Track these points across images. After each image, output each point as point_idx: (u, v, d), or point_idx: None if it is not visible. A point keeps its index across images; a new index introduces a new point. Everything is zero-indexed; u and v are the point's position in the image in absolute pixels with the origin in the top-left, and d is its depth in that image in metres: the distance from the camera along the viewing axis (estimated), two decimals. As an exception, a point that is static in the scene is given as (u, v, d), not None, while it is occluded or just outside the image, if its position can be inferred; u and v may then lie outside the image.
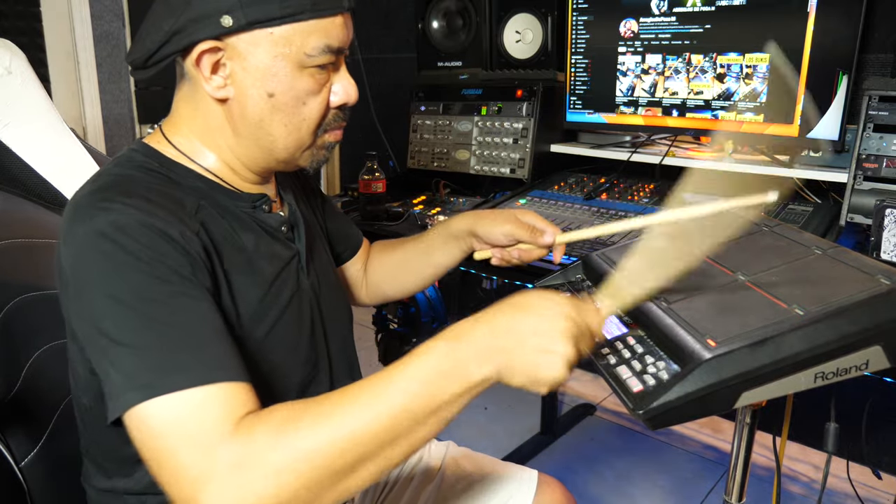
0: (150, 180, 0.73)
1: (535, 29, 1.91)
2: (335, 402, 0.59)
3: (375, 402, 0.58)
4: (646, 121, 1.76)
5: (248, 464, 0.55)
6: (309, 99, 0.74)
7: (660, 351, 0.76)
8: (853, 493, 1.73)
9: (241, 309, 0.74)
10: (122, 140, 2.08)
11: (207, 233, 0.72)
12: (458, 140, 1.94)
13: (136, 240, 0.63)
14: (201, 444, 0.57)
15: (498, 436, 2.18)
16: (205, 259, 0.69)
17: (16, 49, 1.04)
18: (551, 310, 0.63)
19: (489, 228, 0.99)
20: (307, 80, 0.73)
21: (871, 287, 0.73)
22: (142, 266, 0.62)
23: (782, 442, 1.02)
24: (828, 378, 0.70)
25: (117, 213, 0.65)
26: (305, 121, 0.75)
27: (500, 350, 0.62)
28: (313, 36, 0.71)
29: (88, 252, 0.63)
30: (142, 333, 0.60)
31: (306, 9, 0.69)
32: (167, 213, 0.67)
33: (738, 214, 0.75)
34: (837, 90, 1.44)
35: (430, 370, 0.60)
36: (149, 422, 0.58)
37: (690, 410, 0.68)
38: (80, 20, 1.88)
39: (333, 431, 0.57)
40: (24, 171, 0.99)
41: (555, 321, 0.63)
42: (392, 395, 0.59)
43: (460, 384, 0.60)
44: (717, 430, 2.21)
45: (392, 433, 0.58)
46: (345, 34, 0.74)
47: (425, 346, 0.62)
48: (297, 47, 0.70)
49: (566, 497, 1.06)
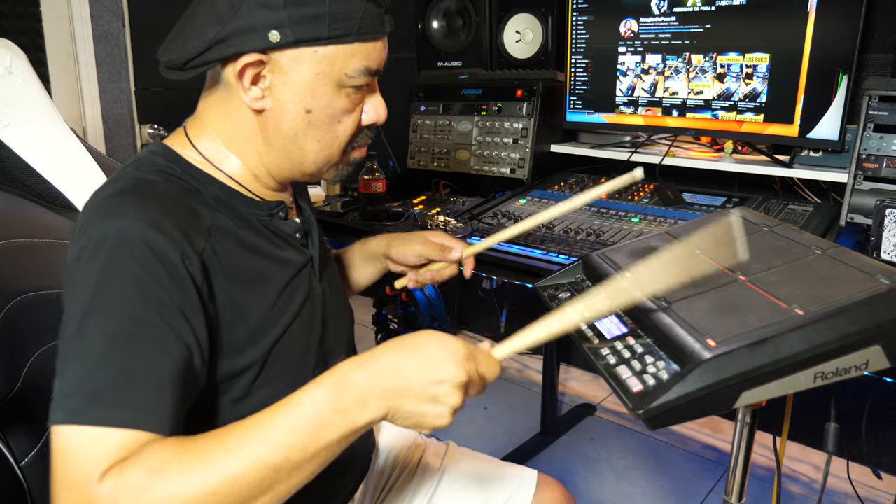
0: (170, 188, 0.73)
1: (535, 29, 1.91)
2: (208, 447, 0.58)
3: (249, 451, 0.57)
4: (646, 121, 1.76)
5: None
6: (343, 117, 0.76)
7: (660, 351, 0.76)
8: (853, 493, 1.73)
9: (251, 318, 0.75)
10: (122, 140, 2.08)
11: (216, 247, 0.72)
12: (458, 140, 1.94)
13: (132, 255, 0.63)
14: (77, 475, 0.57)
15: (498, 436, 2.18)
16: (201, 281, 0.68)
17: (16, 49, 1.04)
18: (443, 358, 0.62)
19: (401, 250, 1.03)
20: (344, 99, 0.75)
21: (871, 287, 0.73)
22: (127, 282, 0.63)
23: (782, 442, 1.02)
24: (828, 378, 0.70)
25: (126, 220, 0.65)
26: (338, 138, 0.77)
27: (386, 393, 0.61)
28: (355, 58, 0.73)
29: (87, 253, 0.64)
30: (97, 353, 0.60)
31: (352, 32, 0.71)
32: (175, 229, 0.67)
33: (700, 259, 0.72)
34: (837, 90, 1.44)
35: (310, 420, 0.59)
36: (58, 442, 0.58)
37: (690, 410, 0.68)
38: (80, 20, 1.88)
39: (204, 479, 0.56)
40: (25, 171, 0.99)
41: (446, 369, 0.62)
42: (267, 444, 0.58)
43: (344, 429, 0.60)
44: (717, 430, 2.21)
45: (268, 480, 0.57)
46: (383, 57, 0.77)
47: (304, 395, 0.60)
48: (339, 68, 0.73)
49: (566, 497, 1.06)
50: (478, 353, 0.66)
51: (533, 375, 2.58)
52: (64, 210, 1.02)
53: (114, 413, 0.59)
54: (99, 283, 0.62)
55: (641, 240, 1.05)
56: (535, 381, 2.51)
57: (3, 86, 0.98)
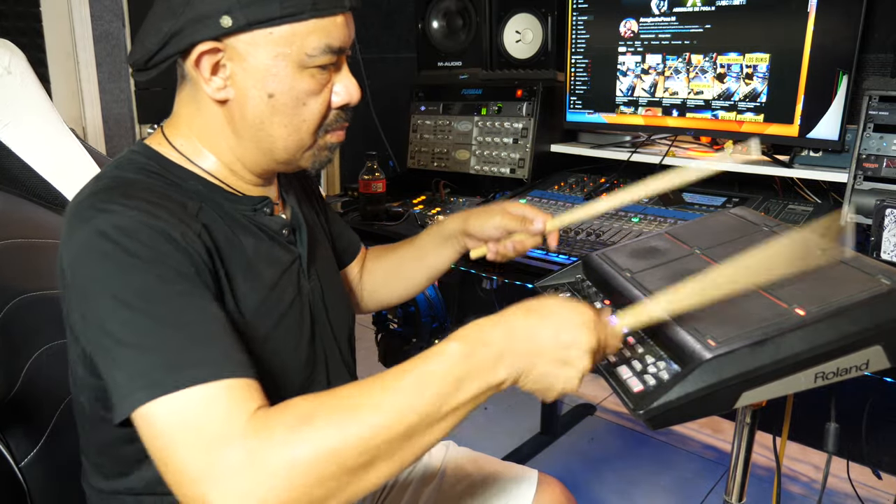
0: (151, 183, 0.73)
1: (535, 29, 1.91)
2: (353, 399, 0.58)
3: (393, 403, 0.58)
4: (646, 121, 1.76)
5: (260, 460, 0.54)
6: (309, 99, 0.73)
7: (660, 351, 0.76)
8: (853, 493, 1.73)
9: (243, 311, 0.74)
10: (122, 140, 2.08)
11: (210, 234, 0.72)
12: (458, 140, 1.94)
13: (138, 240, 0.63)
14: (207, 442, 0.56)
15: (498, 436, 2.18)
16: (207, 260, 0.68)
17: (15, 49, 1.04)
18: (574, 321, 0.63)
19: (481, 223, 1.00)
20: (308, 80, 0.72)
21: (871, 287, 0.73)
22: (144, 266, 0.62)
23: (782, 442, 1.02)
24: (828, 378, 0.70)
25: (118, 214, 0.64)
26: (306, 122, 0.74)
27: (520, 354, 0.62)
28: (313, 36, 0.70)
29: (90, 253, 0.63)
30: (147, 334, 0.60)
31: (307, 9, 0.69)
32: (168, 215, 0.67)
33: (806, 250, 0.72)
34: (837, 90, 1.44)
35: (448, 373, 0.60)
36: (155, 420, 0.57)
37: (690, 410, 0.68)
38: (80, 20, 1.88)
39: (351, 430, 0.56)
40: (24, 171, 0.99)
41: (579, 333, 0.63)
42: (410, 396, 0.58)
43: (478, 386, 0.61)
44: (717, 430, 2.21)
45: (408, 433, 0.58)
46: (346, 34, 0.73)
47: (443, 348, 0.61)
48: (298, 47, 0.70)
49: (567, 497, 1.06)
50: (603, 319, 0.67)
51: (533, 375, 2.58)
52: (63, 210, 1.02)
53: (195, 372, 0.58)
54: (117, 278, 0.62)
55: (641, 240, 1.05)
56: (535, 381, 2.50)
57: (1, 86, 0.98)
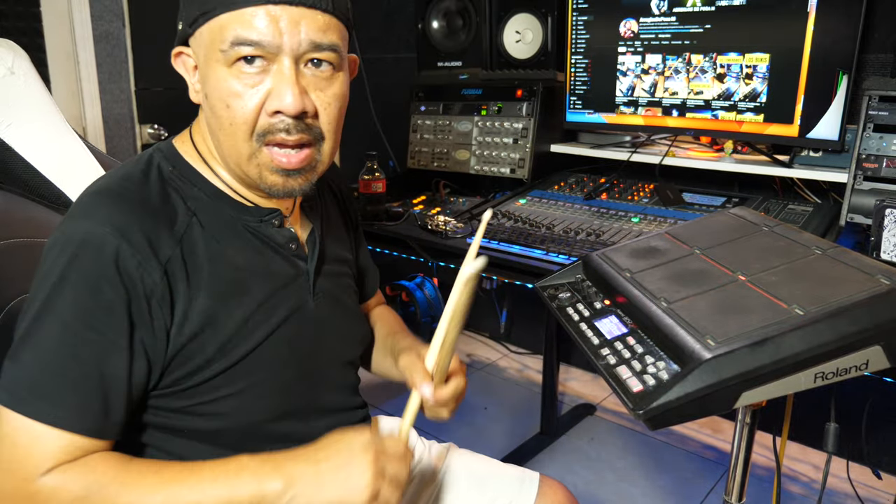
0: (152, 189, 0.73)
1: (535, 29, 1.91)
2: (147, 477, 0.65)
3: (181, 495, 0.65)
4: (646, 121, 1.76)
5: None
6: (232, 100, 0.69)
7: (660, 351, 0.76)
8: (853, 493, 1.73)
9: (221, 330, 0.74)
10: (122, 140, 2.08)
11: (186, 257, 0.72)
12: (458, 140, 1.94)
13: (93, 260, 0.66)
14: (17, 469, 0.64)
15: (498, 436, 2.18)
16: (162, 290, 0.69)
17: (18, 49, 1.04)
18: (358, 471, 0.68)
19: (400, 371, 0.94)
20: (231, 80, 0.69)
21: (871, 287, 0.73)
22: (83, 288, 0.66)
23: (782, 442, 1.02)
24: (828, 378, 0.70)
25: (94, 224, 0.67)
26: (233, 125, 0.70)
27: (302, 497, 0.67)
28: (226, 29, 0.68)
29: (56, 249, 0.67)
30: (48, 348, 0.65)
31: (217, 4, 0.68)
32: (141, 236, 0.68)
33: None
34: (837, 90, 1.44)
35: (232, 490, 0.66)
36: (4, 425, 0.64)
37: (690, 410, 0.68)
38: (80, 20, 1.88)
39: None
40: (27, 170, 0.99)
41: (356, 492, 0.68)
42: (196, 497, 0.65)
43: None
44: (717, 430, 2.21)
45: None
46: (272, 30, 0.67)
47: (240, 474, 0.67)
48: (216, 44, 0.69)
49: (569, 499, 1.06)
50: (385, 449, 0.71)
51: (533, 375, 2.58)
52: (65, 209, 1.02)
53: (58, 413, 0.64)
54: (59, 281, 0.66)
55: (641, 240, 1.05)
56: (535, 381, 2.51)
57: (5, 86, 0.99)
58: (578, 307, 0.93)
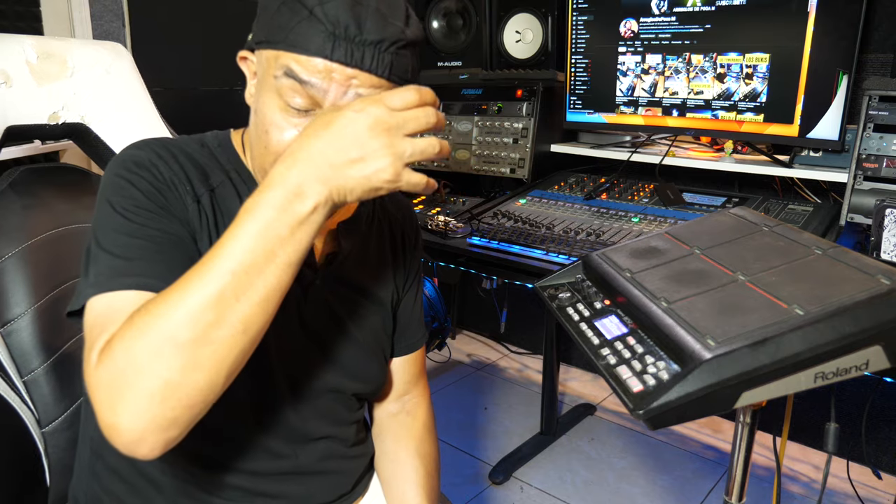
0: (197, 149, 0.79)
1: (535, 29, 1.91)
2: (177, 283, 0.60)
3: (218, 266, 0.58)
4: (646, 121, 1.76)
5: (112, 366, 0.58)
6: (272, 129, 0.71)
7: (660, 351, 0.76)
8: (853, 493, 1.73)
9: None
10: (122, 140, 2.09)
11: (215, 202, 0.76)
12: (458, 140, 1.94)
13: (141, 173, 0.72)
14: (94, 341, 0.61)
15: (498, 436, 2.18)
16: (194, 213, 0.74)
17: (122, 50, 1.14)
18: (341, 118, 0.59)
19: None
20: (276, 111, 0.71)
21: (871, 287, 0.73)
22: (138, 191, 0.71)
23: (782, 442, 1.02)
24: (828, 378, 0.70)
25: (141, 150, 0.74)
26: (267, 148, 0.73)
27: (315, 175, 0.59)
28: (282, 57, 0.69)
29: (108, 171, 0.73)
30: (118, 241, 0.69)
31: (282, 39, 0.69)
32: (180, 170, 0.75)
33: None
34: (837, 90, 1.44)
35: (258, 227, 0.59)
36: (89, 312, 0.65)
37: (690, 410, 0.68)
38: (80, 20, 1.88)
39: (169, 302, 0.58)
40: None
41: (348, 127, 0.58)
42: (231, 257, 0.59)
43: (290, 223, 0.59)
44: (717, 430, 2.21)
45: (241, 287, 0.58)
46: (322, 76, 0.68)
47: (244, 208, 0.60)
48: (271, 69, 0.70)
49: None
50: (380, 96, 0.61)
51: (533, 375, 2.58)
52: None
53: (130, 280, 0.66)
54: (117, 192, 0.71)
55: (641, 240, 1.05)
56: (535, 381, 2.51)
57: (102, 85, 1.08)
58: (578, 307, 0.93)
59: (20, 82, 0.97)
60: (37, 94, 1.00)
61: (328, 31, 0.67)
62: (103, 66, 1.09)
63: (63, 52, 1.04)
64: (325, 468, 0.88)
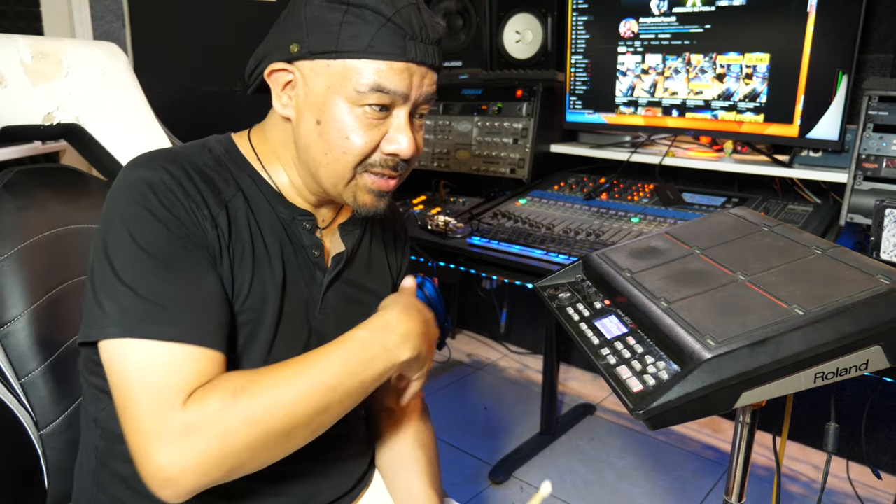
0: (205, 159, 0.79)
1: (535, 29, 1.91)
2: (278, 373, 0.70)
3: (314, 378, 0.70)
4: (646, 121, 1.76)
5: (198, 428, 0.63)
6: (353, 134, 0.75)
7: (660, 351, 0.76)
8: (853, 493, 1.73)
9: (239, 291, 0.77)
10: (122, 140, 2.09)
11: (229, 221, 0.76)
12: (458, 140, 1.94)
13: (160, 199, 0.71)
14: (160, 400, 0.64)
15: (498, 436, 2.18)
16: (212, 239, 0.74)
17: (117, 51, 1.12)
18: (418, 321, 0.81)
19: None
20: (357, 118, 0.75)
21: (871, 287, 0.73)
22: (156, 221, 0.70)
23: (782, 442, 1.01)
24: (828, 378, 0.70)
25: (153, 172, 0.73)
26: (346, 154, 0.76)
27: (419, 335, 0.80)
28: (366, 73, 0.73)
29: (122, 195, 0.72)
30: (144, 280, 0.68)
31: (361, 48, 0.72)
32: (195, 190, 0.74)
33: None
34: (837, 90, 1.44)
35: (360, 354, 0.74)
36: (122, 358, 0.66)
37: (690, 410, 0.68)
38: (80, 20, 1.88)
39: (276, 399, 0.67)
40: (112, 162, 1.08)
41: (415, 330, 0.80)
42: (327, 370, 0.71)
43: (386, 363, 0.76)
44: (717, 430, 2.21)
45: (324, 402, 0.70)
46: (407, 83, 0.74)
47: (353, 334, 0.76)
48: (350, 83, 0.73)
49: None
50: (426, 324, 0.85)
51: (533, 375, 2.58)
52: None
53: (166, 330, 0.67)
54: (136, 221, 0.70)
55: (641, 240, 1.05)
56: (535, 381, 2.51)
57: (97, 85, 1.07)
58: (578, 307, 0.93)
59: (15, 82, 0.96)
60: (32, 95, 0.98)
61: (407, 34, 0.73)
62: (98, 67, 1.08)
63: (58, 52, 1.02)
64: (332, 468, 0.90)
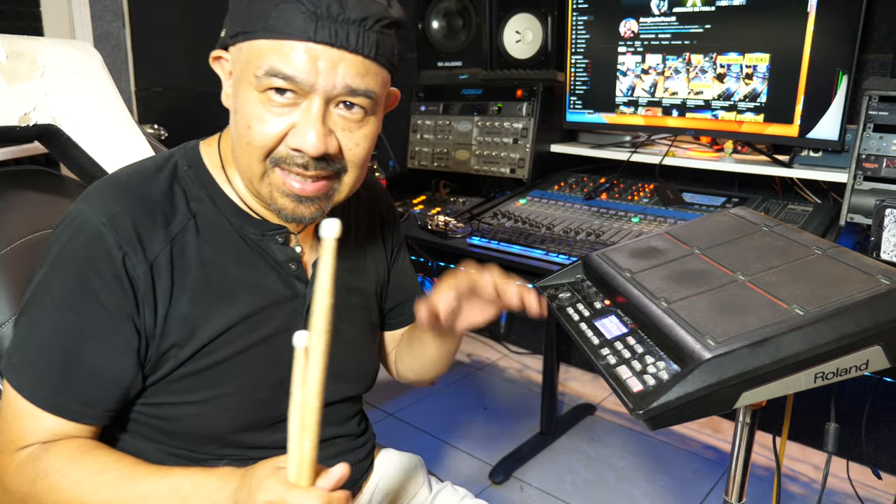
0: (158, 185, 0.74)
1: (535, 29, 1.91)
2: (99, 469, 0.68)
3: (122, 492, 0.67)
4: (646, 121, 1.76)
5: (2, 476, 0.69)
6: (255, 122, 0.68)
7: (660, 351, 0.76)
8: (853, 493, 1.73)
9: (199, 335, 0.73)
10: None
11: (175, 257, 0.72)
12: (458, 140, 1.94)
13: (83, 247, 0.69)
14: (3, 439, 0.70)
15: (498, 436, 2.18)
16: (146, 285, 0.70)
17: (91, 51, 1.11)
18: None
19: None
20: (258, 105, 0.68)
21: (871, 287, 0.73)
22: (73, 274, 0.69)
23: (782, 442, 1.02)
24: (828, 378, 0.70)
25: (92, 210, 0.70)
26: (249, 144, 0.69)
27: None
28: (263, 55, 0.66)
29: (61, 231, 0.71)
30: (36, 328, 0.69)
31: (259, 27, 0.66)
32: (132, 230, 0.70)
33: None
34: (837, 90, 1.44)
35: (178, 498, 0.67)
36: (5, 385, 0.70)
37: (690, 410, 0.68)
38: (80, 20, 1.88)
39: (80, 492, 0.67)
40: (89, 163, 1.07)
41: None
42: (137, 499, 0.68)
43: None
44: (717, 430, 2.21)
45: None
46: (309, 67, 0.66)
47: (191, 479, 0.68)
48: (251, 66, 0.67)
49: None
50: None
51: (533, 375, 2.58)
52: None
53: (39, 391, 0.68)
54: (56, 259, 0.70)
55: (641, 240, 1.05)
56: (535, 381, 2.51)
57: (72, 85, 1.05)
58: (578, 307, 0.93)
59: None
60: (7, 95, 0.95)
61: (309, 10, 0.64)
62: (74, 66, 1.05)
63: (32, 52, 1.00)
64: (331, 464, 0.89)
